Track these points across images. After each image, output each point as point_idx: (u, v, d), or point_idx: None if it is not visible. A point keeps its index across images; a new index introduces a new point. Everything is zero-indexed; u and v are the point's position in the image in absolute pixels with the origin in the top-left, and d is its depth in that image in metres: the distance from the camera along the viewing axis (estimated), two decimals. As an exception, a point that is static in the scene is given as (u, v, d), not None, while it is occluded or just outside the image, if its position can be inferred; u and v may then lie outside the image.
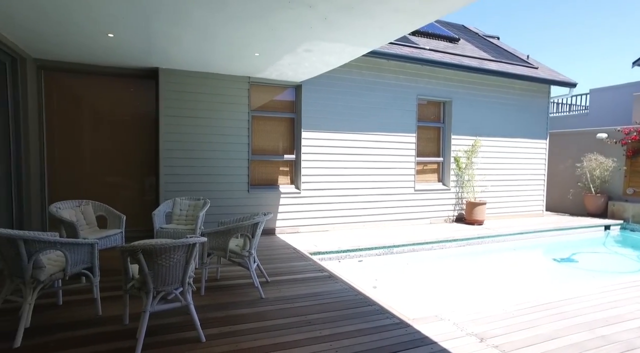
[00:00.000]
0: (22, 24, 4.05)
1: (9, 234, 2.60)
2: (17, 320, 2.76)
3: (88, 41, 4.60)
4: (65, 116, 5.96)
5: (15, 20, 3.97)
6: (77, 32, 4.27)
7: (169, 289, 2.69)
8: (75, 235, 3.79)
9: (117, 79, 6.16)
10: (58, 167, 5.93)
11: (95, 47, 4.86)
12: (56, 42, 4.65)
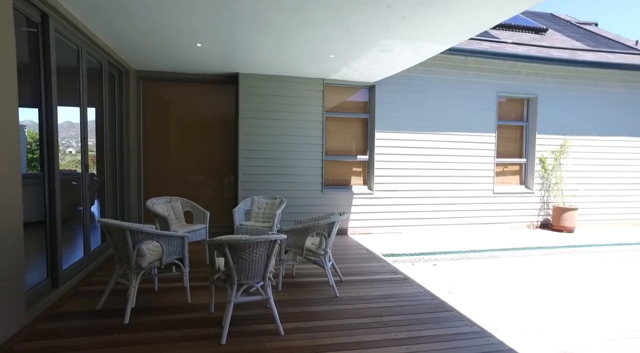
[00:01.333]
0: (129, 42, 4.58)
1: (119, 225, 2.94)
2: (126, 300, 3.12)
3: (179, 52, 5.03)
4: (158, 119, 6.58)
5: (125, 40, 4.51)
6: (170, 45, 4.70)
7: (251, 283, 2.84)
8: (167, 228, 4.17)
9: (201, 85, 6.64)
10: (151, 165, 6.57)
11: (184, 57, 5.31)
12: (152, 54, 5.17)
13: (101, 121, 4.98)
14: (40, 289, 3.33)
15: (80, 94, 4.22)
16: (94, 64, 4.68)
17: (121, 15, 3.79)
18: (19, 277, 2.83)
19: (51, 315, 3.13)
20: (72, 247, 4.24)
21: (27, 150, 3.66)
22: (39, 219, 3.49)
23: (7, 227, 2.69)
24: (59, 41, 3.70)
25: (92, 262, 4.48)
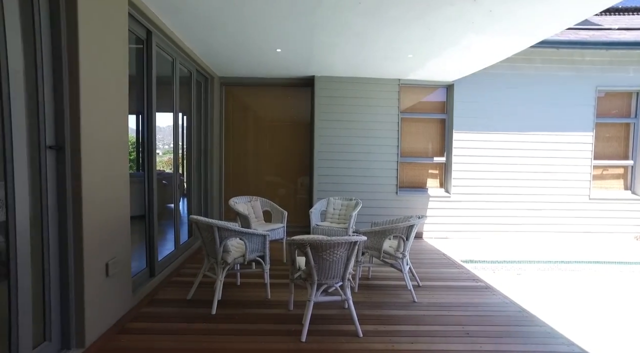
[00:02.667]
0: (216, 51, 4.92)
1: (208, 222, 3.16)
2: (212, 292, 3.35)
3: (260, 58, 5.28)
4: (237, 123, 6.97)
5: (212, 49, 4.85)
6: (252, 51, 4.95)
7: (331, 283, 2.88)
8: (248, 226, 4.38)
9: (278, 89, 6.89)
10: (231, 166, 6.98)
11: (264, 63, 5.56)
12: (235, 61, 5.49)
13: (189, 125, 5.41)
14: (141, 277, 3.71)
15: (173, 101, 4.62)
16: (185, 72, 5.10)
17: (211, 27, 4.08)
18: (128, 264, 3.18)
19: (151, 300, 3.47)
20: (164, 240, 4.66)
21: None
22: (134, 215, 3.89)
23: (120, 221, 3.03)
24: (158, 54, 4.08)
25: (181, 255, 4.87)
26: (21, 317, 2.13)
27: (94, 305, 2.68)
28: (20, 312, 2.13)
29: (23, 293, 2.15)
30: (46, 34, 2.34)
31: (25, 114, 2.15)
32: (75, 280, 2.55)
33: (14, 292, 2.11)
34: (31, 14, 2.23)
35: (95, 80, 2.66)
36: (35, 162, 2.29)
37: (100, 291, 2.77)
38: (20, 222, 2.12)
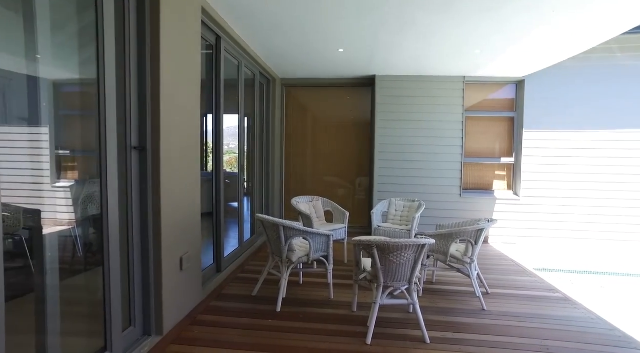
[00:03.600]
0: (279, 53, 5.03)
1: (274, 221, 3.23)
2: (276, 290, 3.42)
3: (321, 59, 5.32)
4: (297, 123, 7.08)
5: (275, 52, 4.97)
6: (314, 52, 5.00)
7: (397, 286, 2.81)
8: (310, 226, 4.43)
9: (338, 89, 6.90)
10: (291, 166, 7.10)
11: (325, 63, 5.59)
12: (297, 63, 5.58)
13: (252, 126, 5.58)
14: (209, 272, 3.88)
15: (239, 103, 4.79)
16: (249, 75, 5.27)
17: (276, 31, 4.18)
18: (199, 259, 3.35)
19: (218, 295, 3.61)
20: (228, 238, 4.84)
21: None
22: (201, 212, 4.07)
23: (192, 217, 3.20)
24: (225, 58, 4.26)
25: (245, 252, 5.03)
26: (114, 303, 2.31)
27: (170, 296, 2.85)
28: (113, 298, 2.31)
29: (115, 281, 2.33)
30: (133, 48, 2.52)
31: (116, 119, 2.33)
32: (155, 272, 2.72)
33: (107, 280, 2.29)
34: (122, 30, 2.42)
35: (173, 86, 2.82)
36: (122, 161, 2.47)
37: (175, 284, 2.93)
38: (112, 215, 2.30)
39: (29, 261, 4.07)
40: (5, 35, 1.99)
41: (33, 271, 4.02)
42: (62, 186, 6.80)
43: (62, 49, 2.44)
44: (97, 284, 2.64)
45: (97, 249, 3.61)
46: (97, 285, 2.62)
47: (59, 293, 2.35)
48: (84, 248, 3.48)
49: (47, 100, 3.87)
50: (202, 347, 2.67)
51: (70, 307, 2.37)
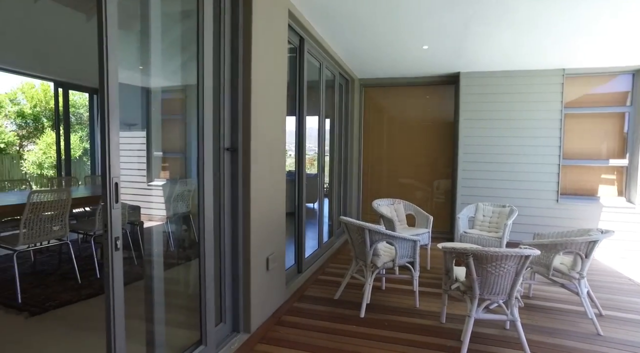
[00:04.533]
0: (359, 53, 4.95)
1: (359, 224, 3.15)
2: (359, 294, 3.34)
3: (403, 57, 5.14)
4: (374, 124, 6.94)
5: (355, 52, 4.90)
6: (396, 51, 4.84)
7: (495, 299, 2.56)
8: (392, 230, 4.27)
9: (418, 88, 6.63)
10: (368, 167, 6.98)
11: (407, 61, 5.39)
12: (376, 62, 5.46)
13: (332, 127, 5.57)
14: (291, 273, 3.92)
15: (320, 104, 4.80)
16: (329, 76, 5.27)
17: (357, 30, 4.10)
18: (283, 260, 3.39)
19: (300, 296, 3.63)
20: (308, 239, 4.86)
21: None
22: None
23: (278, 218, 3.24)
24: (308, 60, 4.28)
25: (323, 253, 5.02)
26: (208, 299, 2.40)
27: (257, 295, 2.90)
28: (208, 294, 2.40)
29: (209, 278, 2.42)
30: (227, 55, 2.62)
31: (212, 123, 2.43)
32: (244, 271, 2.79)
33: (203, 276, 2.39)
34: (218, 39, 2.51)
35: (263, 89, 2.87)
36: (216, 162, 2.57)
37: (262, 283, 2.98)
38: (207, 214, 2.39)
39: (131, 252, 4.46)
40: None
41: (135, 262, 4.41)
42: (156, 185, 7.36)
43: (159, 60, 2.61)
44: (189, 278, 2.78)
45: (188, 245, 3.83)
46: (189, 279, 2.77)
47: (157, 284, 2.51)
48: (175, 243, 3.71)
49: (145, 106, 4.18)
50: (287, 348, 2.67)
51: (168, 298, 2.52)
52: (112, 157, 1.64)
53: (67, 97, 7.05)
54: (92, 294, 3.42)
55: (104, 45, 1.59)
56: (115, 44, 1.63)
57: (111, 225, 1.65)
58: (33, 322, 2.92)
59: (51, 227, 3.56)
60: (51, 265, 4.27)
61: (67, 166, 7.09)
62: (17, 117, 8.19)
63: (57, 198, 3.53)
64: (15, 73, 6.25)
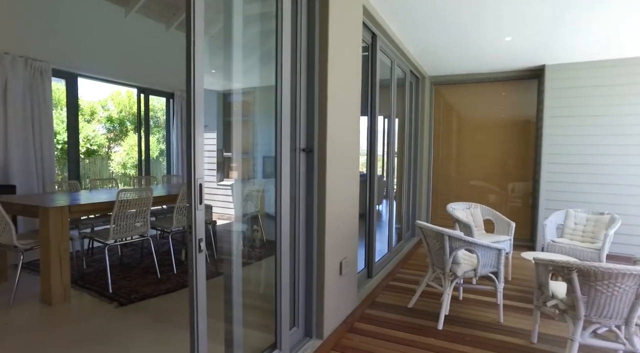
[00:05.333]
0: (432, 49, 4.69)
1: (438, 230, 2.94)
2: (434, 304, 3.12)
3: (479, 52, 4.78)
4: (445, 123, 6.57)
5: (428, 48, 4.65)
6: (473, 44, 4.50)
7: (607, 323, 2.22)
8: (470, 236, 3.97)
9: (493, 84, 6.17)
10: (439, 167, 6.63)
11: (483, 57, 5.01)
12: (449, 58, 5.14)
13: (402, 127, 5.35)
14: (360, 277, 3.79)
15: (391, 103, 4.62)
16: (400, 74, 5.06)
17: (434, 23, 3.87)
18: (355, 264, 3.28)
19: (372, 303, 3.48)
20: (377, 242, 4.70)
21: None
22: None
23: (351, 220, 3.14)
24: (380, 58, 4.13)
25: (393, 258, 4.83)
26: (284, 302, 2.36)
27: (330, 301, 2.82)
28: (283, 297, 2.36)
29: (285, 280, 2.38)
30: (303, 56, 2.56)
31: (289, 125, 2.38)
32: (318, 275, 2.72)
33: (279, 278, 2.35)
34: (295, 41, 2.46)
35: (338, 89, 2.78)
36: (292, 163, 2.52)
37: (335, 288, 2.89)
38: (284, 216, 2.35)
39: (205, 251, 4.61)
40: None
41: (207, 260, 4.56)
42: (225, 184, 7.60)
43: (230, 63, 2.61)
44: (260, 278, 2.77)
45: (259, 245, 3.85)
46: (260, 279, 2.75)
47: (230, 283, 2.52)
48: (245, 242, 3.74)
49: (216, 108, 4.20)
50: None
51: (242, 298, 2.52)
52: (197, 159, 1.64)
53: (148, 101, 7.56)
54: (170, 289, 3.57)
55: (191, 55, 1.59)
56: (201, 53, 1.64)
57: (195, 226, 1.65)
58: (121, 312, 3.10)
59: (134, 223, 3.77)
60: (134, 259, 4.56)
61: (147, 166, 7.61)
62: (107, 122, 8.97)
63: (140, 197, 3.74)
64: (108, 82, 6.84)
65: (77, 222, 4.40)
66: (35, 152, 5.59)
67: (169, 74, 7.79)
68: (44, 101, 5.66)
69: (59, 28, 5.95)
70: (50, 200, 3.61)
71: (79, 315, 3.06)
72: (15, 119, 5.37)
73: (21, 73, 5.41)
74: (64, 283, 3.29)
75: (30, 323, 2.91)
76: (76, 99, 6.34)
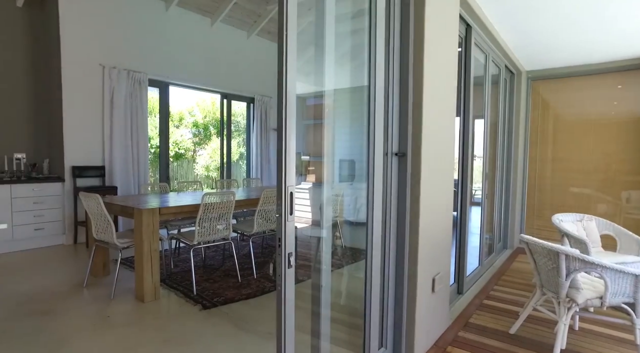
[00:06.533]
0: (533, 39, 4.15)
1: (551, 247, 2.51)
2: (545, 333, 2.67)
3: (590, 38, 4.12)
4: (543, 122, 5.85)
5: (528, 38, 4.12)
6: (582, 31, 3.89)
7: None
8: (586, 254, 3.39)
9: (606, 77, 5.34)
10: (536, 172, 5.92)
11: (594, 43, 4.33)
12: (552, 48, 4.51)
13: (494, 128, 4.84)
14: (451, 292, 3.43)
15: (484, 103, 4.17)
16: (494, 70, 4.57)
17: (539, 6, 3.38)
18: (448, 279, 2.95)
19: (465, 324, 3.11)
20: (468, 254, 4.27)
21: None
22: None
23: (446, 231, 2.83)
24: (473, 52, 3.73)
25: (484, 272, 4.36)
26: (373, 320, 2.15)
27: (421, 321, 2.54)
28: (373, 314, 2.15)
29: (375, 296, 2.17)
30: (396, 55, 2.33)
31: (382, 128, 2.18)
32: (409, 291, 2.46)
33: (369, 294, 2.15)
34: (387, 39, 2.25)
35: (434, 88, 2.51)
36: (385, 166, 2.30)
37: (427, 307, 2.60)
38: (375, 225, 2.14)
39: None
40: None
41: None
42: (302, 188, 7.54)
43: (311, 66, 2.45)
44: (341, 288, 2.57)
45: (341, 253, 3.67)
46: (341, 289, 2.56)
47: (312, 292, 2.36)
48: (325, 249, 3.57)
49: (295, 112, 4.06)
50: (461, 391, 2.23)
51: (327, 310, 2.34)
52: (288, 165, 1.50)
53: (230, 106, 7.86)
54: (251, 295, 3.54)
55: (283, 62, 1.47)
56: (293, 60, 1.51)
57: (285, 239, 1.51)
58: (205, 315, 3.13)
59: (216, 226, 3.83)
60: (217, 261, 4.67)
61: (228, 169, 7.91)
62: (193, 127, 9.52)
63: (224, 201, 3.78)
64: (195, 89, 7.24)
65: (166, 223, 4.62)
66: (132, 156, 6.05)
67: (250, 79, 8.04)
68: (141, 109, 6.10)
69: (154, 41, 6.41)
70: (143, 201, 3.80)
71: (167, 314, 3.15)
72: (118, 125, 5.86)
73: (124, 84, 5.89)
74: (155, 281, 3.42)
75: (126, 318, 3.04)
76: (167, 106, 6.77)
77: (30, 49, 5.67)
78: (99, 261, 3.99)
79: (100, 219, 3.53)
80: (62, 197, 5.38)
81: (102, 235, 3.56)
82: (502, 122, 5.14)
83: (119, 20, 5.87)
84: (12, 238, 4.97)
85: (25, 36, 5.62)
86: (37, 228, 5.16)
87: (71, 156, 5.46)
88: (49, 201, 5.25)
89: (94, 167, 5.59)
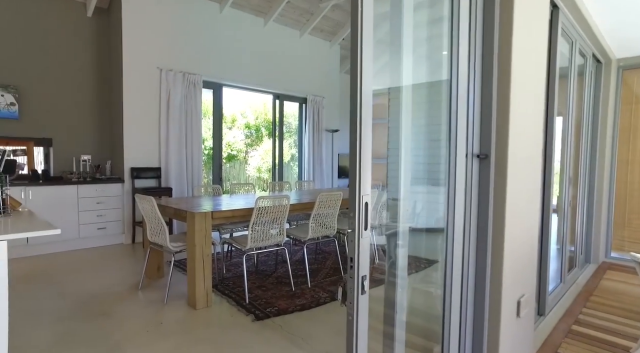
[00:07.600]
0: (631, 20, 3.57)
1: None
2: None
3: None
4: (637, 116, 5.09)
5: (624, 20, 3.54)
6: None
7: None
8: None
9: None
10: (625, 175, 5.18)
11: None
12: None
13: (578, 126, 4.26)
14: (532, 315, 2.99)
15: (567, 97, 3.66)
16: (579, 60, 4.01)
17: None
18: (533, 302, 2.54)
19: (553, 353, 2.67)
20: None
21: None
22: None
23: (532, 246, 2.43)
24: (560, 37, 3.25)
25: (567, 291, 3.82)
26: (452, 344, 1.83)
27: (505, 348, 2.16)
28: (452, 340, 1.83)
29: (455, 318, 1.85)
30: (478, 48, 1.99)
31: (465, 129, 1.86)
32: (491, 315, 2.09)
33: (448, 316, 1.84)
34: (467, 34, 1.92)
35: (521, 85, 2.12)
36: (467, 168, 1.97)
37: (510, 334, 2.22)
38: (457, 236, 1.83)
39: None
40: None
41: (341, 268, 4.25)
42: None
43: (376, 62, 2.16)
44: (403, 302, 2.26)
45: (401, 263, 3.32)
46: (403, 302, 2.24)
47: (372, 305, 2.08)
48: (379, 256, 3.26)
49: (371, 112, 3.74)
50: None
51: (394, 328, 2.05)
52: (364, 172, 1.23)
53: (282, 107, 7.76)
54: (305, 306, 3.32)
55: (358, 56, 1.22)
56: (369, 54, 1.27)
57: (358, 259, 1.24)
58: (258, 327, 2.95)
59: (269, 230, 3.65)
60: (269, 266, 4.51)
61: (280, 170, 7.81)
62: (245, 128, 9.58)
63: (277, 205, 3.60)
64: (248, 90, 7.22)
65: (219, 226, 4.55)
66: (187, 158, 6.09)
67: (302, 79, 7.90)
68: (195, 110, 6.13)
69: (209, 43, 6.44)
70: (197, 205, 3.72)
71: (219, 324, 3.01)
72: (173, 127, 5.92)
73: (179, 86, 5.95)
74: (207, 288, 3.31)
75: (178, 326, 2.94)
76: (221, 107, 6.78)
77: (96, 56, 5.90)
78: (153, 263, 3.98)
79: (154, 222, 3.48)
80: (122, 198, 5.53)
81: (156, 238, 3.52)
82: (586, 119, 4.52)
83: (176, 23, 5.95)
84: (78, 236, 5.17)
85: (92, 44, 5.85)
86: (99, 227, 5.33)
87: (130, 157, 5.60)
88: (110, 201, 5.40)
89: (150, 168, 5.69)
